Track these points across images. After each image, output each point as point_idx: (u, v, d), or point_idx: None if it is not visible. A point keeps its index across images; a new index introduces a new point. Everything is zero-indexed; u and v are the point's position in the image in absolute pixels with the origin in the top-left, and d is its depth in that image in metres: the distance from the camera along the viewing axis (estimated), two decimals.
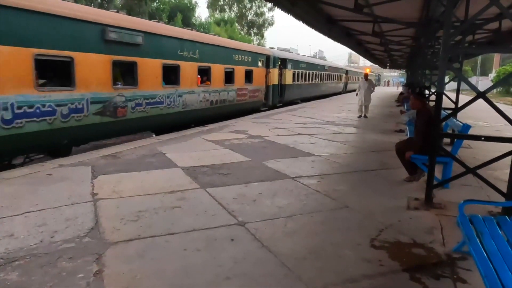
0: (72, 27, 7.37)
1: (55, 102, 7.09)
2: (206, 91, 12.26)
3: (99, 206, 4.36)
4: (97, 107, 8.04)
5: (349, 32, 13.58)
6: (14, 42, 6.30)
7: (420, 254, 3.45)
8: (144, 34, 9.24)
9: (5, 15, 6.12)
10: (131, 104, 9.02)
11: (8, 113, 6.27)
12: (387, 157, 7.36)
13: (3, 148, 6.38)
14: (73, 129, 7.52)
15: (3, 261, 3.05)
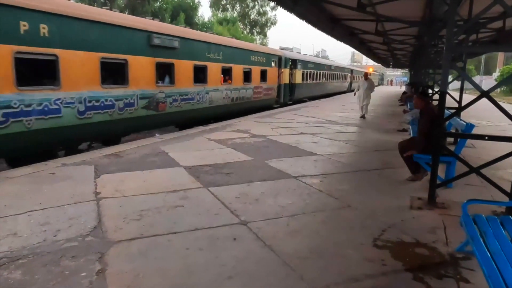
0: (127, 34, 8.85)
1: (114, 97, 8.51)
2: (228, 89, 13.67)
3: (102, 205, 4.37)
4: (144, 102, 9.44)
5: (352, 31, 13.55)
6: (87, 48, 7.73)
7: (423, 254, 3.44)
8: (180, 39, 10.64)
9: (82, 26, 7.62)
10: (169, 100, 10.43)
11: (82, 106, 7.72)
12: (390, 156, 7.33)
13: (78, 135, 7.85)
14: (126, 120, 8.90)
15: (6, 260, 3.07)
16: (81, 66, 7.63)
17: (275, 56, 18.12)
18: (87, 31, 7.74)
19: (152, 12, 34.80)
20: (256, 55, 15.95)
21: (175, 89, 10.61)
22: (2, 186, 4.93)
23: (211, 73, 12.39)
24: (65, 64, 7.29)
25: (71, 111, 7.52)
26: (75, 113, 7.61)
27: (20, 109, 6.54)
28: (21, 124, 6.59)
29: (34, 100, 6.76)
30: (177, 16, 36.93)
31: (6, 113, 6.33)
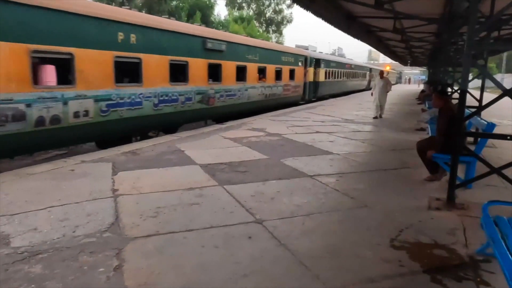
0: (188, 40, 10.56)
1: (178, 93, 10.16)
2: (262, 86, 15.27)
3: (119, 202, 4.44)
4: (199, 97, 11.07)
5: (369, 29, 13.36)
6: (160, 52, 9.38)
7: (441, 256, 3.37)
8: (226, 43, 12.26)
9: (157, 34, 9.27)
10: (217, 95, 12.03)
11: (156, 99, 9.35)
12: (408, 156, 7.22)
13: (152, 123, 9.58)
14: (186, 112, 10.60)
15: (27, 254, 3.14)
16: (156, 67, 9.30)
17: (301, 56, 19.46)
18: (160, 38, 9.43)
19: (168, 11, 35.10)
20: (286, 56, 17.44)
21: (222, 86, 12.24)
22: (24, 182, 5.06)
23: (249, 72, 13.98)
24: (146, 65, 8.92)
25: (149, 103, 9.19)
26: (152, 105, 9.29)
27: (116, 101, 8.23)
28: (117, 113, 8.26)
29: (125, 95, 8.44)
30: (193, 15, 37.15)
31: (108, 104, 8.01)
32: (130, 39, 8.40)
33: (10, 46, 6.09)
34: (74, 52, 7.17)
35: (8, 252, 3.18)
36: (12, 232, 3.54)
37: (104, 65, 7.84)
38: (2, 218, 3.84)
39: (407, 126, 11.99)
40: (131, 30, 8.42)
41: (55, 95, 6.90)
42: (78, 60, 7.26)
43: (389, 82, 14.52)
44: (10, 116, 6.16)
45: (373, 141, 9.18)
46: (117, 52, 8.10)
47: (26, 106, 6.39)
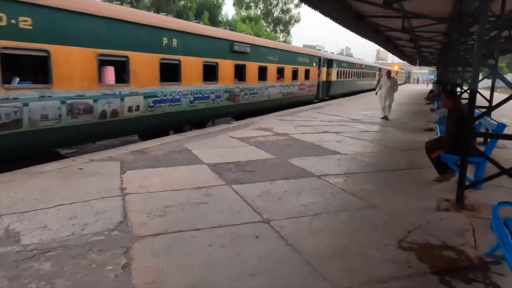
0: (218, 43, 11.54)
1: (210, 91, 11.16)
2: (281, 85, 16.19)
3: (127, 200, 4.47)
4: (226, 95, 12.07)
5: (377, 28, 13.29)
6: (196, 54, 10.41)
7: (450, 257, 3.34)
8: (250, 45, 13.29)
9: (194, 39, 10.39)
10: (242, 93, 13.04)
11: (192, 96, 10.38)
12: (416, 156, 7.17)
13: (187, 118, 10.57)
14: (216, 109, 11.65)
15: (37, 252, 3.18)
16: (192, 68, 10.33)
17: (316, 57, 20.47)
18: (196, 42, 10.50)
19: (176, 11, 35.24)
20: (302, 57, 18.45)
21: (246, 85, 13.24)
22: (34, 181, 5.12)
23: (269, 72, 14.97)
24: (184, 66, 9.95)
25: (186, 100, 10.19)
26: (188, 102, 10.29)
27: (161, 98, 9.24)
28: (161, 108, 9.29)
29: (168, 92, 9.46)
30: (201, 15, 37.23)
31: (154, 100, 9.02)
32: (172, 43, 9.57)
33: (83, 50, 7.19)
34: (129, 55, 8.24)
35: (18, 249, 3.22)
36: (22, 230, 3.58)
37: (152, 66, 8.90)
38: (13, 216, 3.89)
39: (415, 126, 11.90)
40: (173, 35, 9.55)
41: (115, 92, 7.97)
42: (132, 62, 8.31)
43: (395, 83, 14.06)
44: (82, 109, 7.24)
45: (381, 141, 9.13)
46: (162, 54, 9.23)
47: (94, 101, 7.46)
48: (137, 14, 8.92)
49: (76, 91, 7.07)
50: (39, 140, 6.60)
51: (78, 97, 7.10)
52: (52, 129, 6.68)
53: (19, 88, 6.22)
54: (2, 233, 3.51)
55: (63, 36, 6.78)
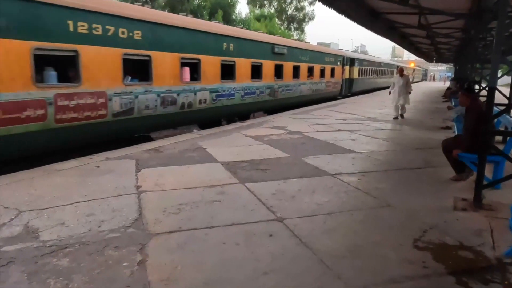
0: (262, 46, 13.47)
1: (255, 87, 12.96)
2: (311, 82, 17.90)
3: (143, 198, 4.53)
4: (268, 91, 13.88)
5: (393, 25, 13.11)
6: (246, 56, 12.11)
7: (467, 257, 3.29)
8: (287, 48, 15.09)
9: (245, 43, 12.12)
10: (280, 89, 14.82)
11: (242, 92, 12.17)
12: (433, 155, 7.06)
13: (238, 111, 12.28)
14: (260, 103, 13.41)
15: (55, 248, 3.25)
16: (243, 67, 12.09)
17: (340, 57, 22.21)
18: (246, 46, 12.24)
19: (191, 10, 35.40)
20: (328, 56, 20.23)
21: (283, 83, 14.99)
22: (52, 178, 5.23)
23: (302, 71, 16.63)
24: (238, 66, 11.74)
25: (238, 95, 11.97)
26: (240, 96, 12.04)
27: (221, 93, 11.03)
28: (220, 102, 11.05)
29: (225, 88, 11.26)
30: (215, 13, 37.34)
31: (216, 94, 10.83)
32: (230, 47, 11.35)
33: (172, 55, 9.05)
34: (201, 58, 10.08)
35: (37, 245, 3.30)
36: (41, 226, 3.67)
37: (215, 67, 10.72)
38: (32, 213, 3.98)
39: (432, 124, 11.71)
40: (230, 41, 11.38)
41: (190, 88, 9.84)
42: (203, 63, 10.15)
43: (409, 81, 13.01)
44: (170, 101, 9.09)
45: (396, 140, 9.01)
46: (223, 57, 11.03)
47: (177, 95, 9.32)
48: (206, 24, 11.37)
49: (167, 87, 8.97)
50: (142, 125, 8.50)
51: (167, 92, 9.00)
52: (151, 116, 8.56)
53: (133, 85, 8.09)
54: (22, 229, 3.60)
55: (159, 44, 8.66)
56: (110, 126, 7.55)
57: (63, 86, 6.69)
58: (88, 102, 7.05)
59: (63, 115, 6.65)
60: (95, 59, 7.12)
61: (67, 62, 6.89)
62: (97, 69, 7.18)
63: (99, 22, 7.11)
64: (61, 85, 6.70)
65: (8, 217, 3.86)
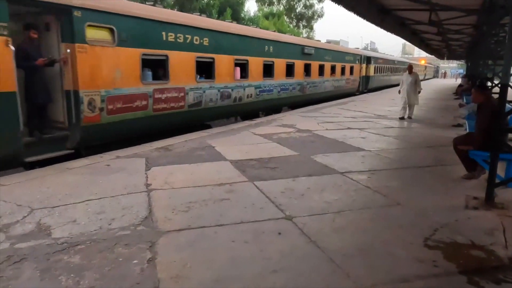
0: (294, 48, 15.06)
1: (289, 84, 14.63)
2: (333, 79, 19.52)
3: (152, 196, 4.56)
4: (298, 87, 15.53)
5: (403, 21, 12.99)
6: (282, 57, 13.84)
7: (479, 257, 3.25)
8: (314, 49, 16.74)
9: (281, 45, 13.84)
10: (308, 86, 16.45)
11: (279, 88, 13.86)
12: (444, 153, 6.98)
13: (275, 104, 14.05)
14: (292, 98, 15.10)
15: (67, 245, 3.30)
16: (279, 67, 13.78)
17: (358, 55, 23.97)
18: (282, 48, 13.85)
19: (199, 8, 35.48)
20: (348, 55, 21.92)
21: (310, 80, 16.61)
22: (64, 176, 5.30)
23: (326, 69, 18.24)
24: (276, 66, 13.47)
25: (276, 91, 13.67)
26: (277, 92, 13.74)
27: (263, 88, 12.78)
28: (262, 96, 12.82)
29: (266, 85, 12.97)
30: (223, 12, 37.37)
31: (259, 90, 12.58)
32: (270, 49, 13.09)
33: (228, 57, 10.79)
34: (249, 59, 11.83)
35: (49, 242, 3.34)
36: (53, 224, 3.72)
37: (259, 66, 12.50)
38: (44, 210, 4.04)
39: (443, 122, 11.58)
40: (270, 44, 13.14)
41: (241, 84, 11.54)
42: (250, 63, 11.90)
43: (418, 79, 12.26)
44: (226, 95, 10.83)
45: (407, 138, 8.93)
46: (264, 58, 12.76)
47: (231, 90, 11.07)
48: (253, 30, 13.28)
49: (224, 83, 10.69)
50: (207, 115, 10.41)
51: (225, 88, 10.74)
52: (213, 108, 10.36)
53: (202, 82, 9.87)
54: (34, 226, 3.66)
55: (220, 48, 10.36)
56: (186, 115, 9.37)
57: (158, 83, 8.49)
58: (173, 96, 8.88)
59: (157, 105, 8.44)
60: (178, 61, 8.93)
61: (159, 64, 8.66)
62: (179, 69, 8.99)
63: (182, 32, 8.99)
64: (156, 82, 8.50)
65: (21, 214, 3.92)
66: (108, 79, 7.22)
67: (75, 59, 6.55)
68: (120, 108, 7.49)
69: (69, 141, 6.78)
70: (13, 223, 3.71)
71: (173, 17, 8.93)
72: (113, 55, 7.28)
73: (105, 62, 7.14)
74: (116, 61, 7.36)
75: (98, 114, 7.06)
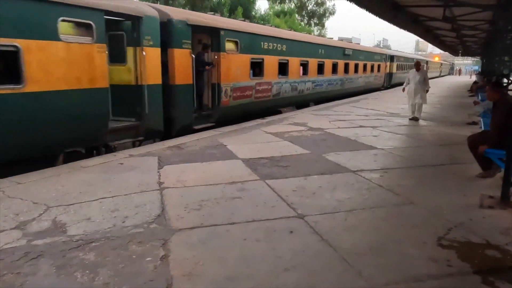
0: (338, 50, 18.22)
1: (334, 80, 17.84)
2: (365, 76, 22.61)
3: (165, 194, 4.60)
4: (340, 82, 18.68)
5: (416, 18, 12.80)
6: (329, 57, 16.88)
7: (494, 256, 3.20)
8: (352, 50, 19.89)
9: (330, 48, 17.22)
10: (347, 81, 19.64)
11: (326, 83, 16.96)
12: (458, 151, 6.88)
13: (324, 97, 16.83)
14: (335, 91, 18.21)
15: (82, 242, 3.36)
16: (327, 66, 16.89)
17: (384, 55, 27.27)
18: (330, 50, 17.12)
19: (211, 7, 35.56)
20: (376, 55, 25.12)
21: (348, 76, 19.70)
22: (78, 175, 5.39)
23: (360, 67, 21.30)
24: (325, 65, 16.58)
25: (325, 85, 16.92)
26: (326, 86, 16.98)
27: (317, 83, 15.99)
28: (316, 90, 16.01)
29: (319, 80, 16.24)
30: (235, 10, 37.39)
31: (315, 84, 15.79)
32: (322, 52, 16.17)
33: (297, 59, 14.01)
34: (309, 60, 14.94)
35: (65, 239, 3.41)
36: (68, 221, 3.79)
37: (315, 65, 15.66)
38: (59, 208, 4.12)
39: (457, 119, 11.41)
40: (322, 48, 16.30)
41: (303, 80, 14.80)
42: (310, 63, 15.05)
43: (426, 77, 11.24)
44: (294, 88, 14.04)
45: (420, 136, 8.83)
46: (318, 59, 15.92)
47: (297, 84, 14.32)
48: (311, 37, 17.73)
49: (293, 79, 13.89)
50: (282, 103, 13.70)
51: (294, 82, 13.95)
52: (286, 97, 13.66)
53: (281, 78, 13.04)
54: (50, 224, 3.73)
55: (291, 52, 13.48)
56: (271, 103, 12.67)
57: (258, 78, 11.72)
58: (265, 88, 12.10)
59: (257, 94, 11.71)
60: (269, 63, 12.20)
61: (258, 65, 11.84)
62: (269, 68, 12.24)
63: (271, 42, 12.24)
64: (257, 78, 11.71)
65: (37, 212, 4.01)
66: (234, 76, 10.42)
67: (219, 63, 9.78)
68: (239, 96, 10.78)
69: (212, 117, 10.02)
70: (30, 221, 3.79)
71: (267, 31, 12.77)
72: (237, 60, 10.52)
73: (233, 64, 10.34)
74: (238, 63, 10.62)
75: (228, 100, 10.32)
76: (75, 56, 6.19)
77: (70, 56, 6.09)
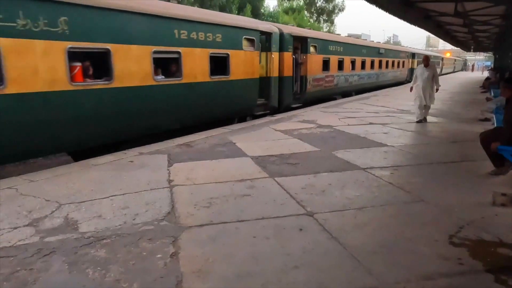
0: (373, 49, 21.71)
1: (371, 74, 21.46)
2: (393, 71, 25.84)
3: (175, 192, 4.63)
4: (375, 76, 22.09)
5: (427, 13, 12.67)
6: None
7: (507, 255, 3.16)
8: (384, 49, 23.30)
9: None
10: (380, 75, 22.98)
11: (367, 77, 20.80)
12: (470, 148, 6.79)
13: (357, 89, 19.66)
14: (372, 83, 21.77)
15: (93, 239, 3.40)
16: (367, 62, 20.23)
17: (407, 52, 30.53)
18: (369, 49, 20.70)
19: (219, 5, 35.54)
20: (402, 53, 28.38)
21: (381, 71, 23.21)
22: (89, 173, 5.45)
23: (389, 63, 24.63)
24: (366, 61, 19.93)
25: (365, 78, 20.49)
26: (366, 79, 20.55)
27: (360, 77, 19.62)
28: (359, 81, 19.66)
29: (362, 74, 19.80)
30: (243, 8, 37.31)
31: (359, 78, 19.38)
32: (364, 51, 19.73)
33: (349, 57, 17.67)
34: (344, 58, 17.03)
35: (76, 236, 3.46)
36: (80, 219, 3.84)
37: (359, 62, 18.93)
38: (71, 205, 4.17)
39: (469, 116, 11.26)
40: (364, 48, 20.01)
41: (352, 73, 18.34)
42: (356, 61, 18.33)
43: (436, 73, 10.00)
44: (346, 80, 17.84)
45: (431, 133, 8.74)
46: (362, 57, 19.18)
47: (348, 77, 17.90)
48: (357, 40, 21.32)
49: (346, 73, 17.54)
50: (340, 91, 17.49)
51: (346, 75, 17.62)
52: (341, 87, 17.27)
53: (339, 72, 16.76)
54: (62, 221, 3.79)
55: (345, 52, 17.02)
56: (333, 90, 16.58)
57: (326, 72, 15.34)
58: (330, 79, 15.84)
59: (325, 84, 15.48)
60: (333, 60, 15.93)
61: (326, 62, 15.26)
62: (333, 64, 15.98)
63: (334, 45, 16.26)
64: (326, 72, 15.29)
65: (49, 209, 4.07)
66: (313, 70, 14.10)
67: (306, 61, 13.54)
68: (316, 85, 14.47)
69: (300, 100, 13.64)
70: (42, 218, 3.85)
71: (331, 38, 17.00)
72: (315, 59, 14.29)
73: (313, 62, 14.08)
74: (316, 61, 14.39)
75: (310, 87, 13.97)
76: (248, 59, 10.19)
77: (246, 59, 10.11)
